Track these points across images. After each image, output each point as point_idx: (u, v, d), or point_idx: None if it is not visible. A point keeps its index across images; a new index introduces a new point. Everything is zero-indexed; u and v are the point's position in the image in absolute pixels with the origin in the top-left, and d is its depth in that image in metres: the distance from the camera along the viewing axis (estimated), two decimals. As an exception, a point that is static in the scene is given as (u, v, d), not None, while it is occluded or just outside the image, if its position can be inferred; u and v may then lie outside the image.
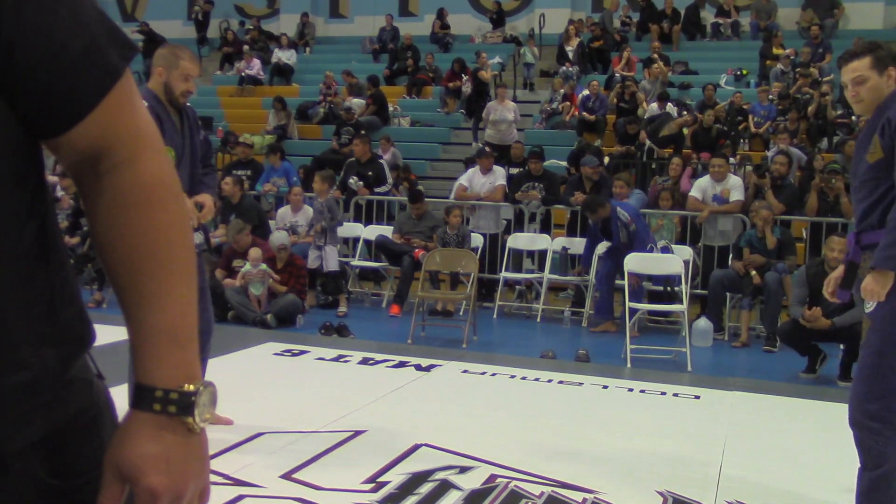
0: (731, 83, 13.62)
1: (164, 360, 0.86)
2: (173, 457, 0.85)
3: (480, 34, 17.25)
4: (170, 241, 0.87)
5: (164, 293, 0.86)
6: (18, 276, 0.81)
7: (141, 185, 0.85)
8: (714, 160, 8.50)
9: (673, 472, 3.78)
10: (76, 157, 0.86)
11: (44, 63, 0.78)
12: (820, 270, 6.11)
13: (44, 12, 0.76)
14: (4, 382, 0.77)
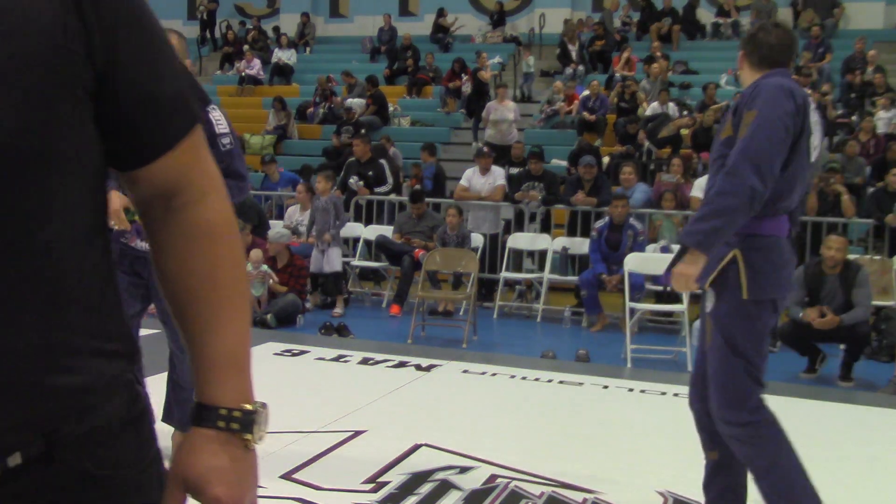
0: (731, 83, 13.61)
1: (226, 383, 0.95)
2: (235, 470, 0.93)
3: (480, 34, 17.25)
4: (231, 275, 0.97)
5: (225, 322, 0.96)
6: (83, 291, 0.88)
7: (208, 223, 0.95)
8: None
9: (673, 472, 3.78)
10: (151, 191, 0.94)
11: (139, 106, 0.89)
12: (818, 270, 6.11)
13: (144, 64, 0.88)
14: (57, 383, 0.84)
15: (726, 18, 15.71)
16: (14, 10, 0.78)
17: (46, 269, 0.83)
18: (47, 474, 0.86)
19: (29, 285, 0.82)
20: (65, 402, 0.86)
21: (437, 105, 14.39)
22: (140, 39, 0.88)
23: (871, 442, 4.47)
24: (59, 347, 0.85)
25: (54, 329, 0.85)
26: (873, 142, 10.31)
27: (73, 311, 0.86)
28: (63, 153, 0.83)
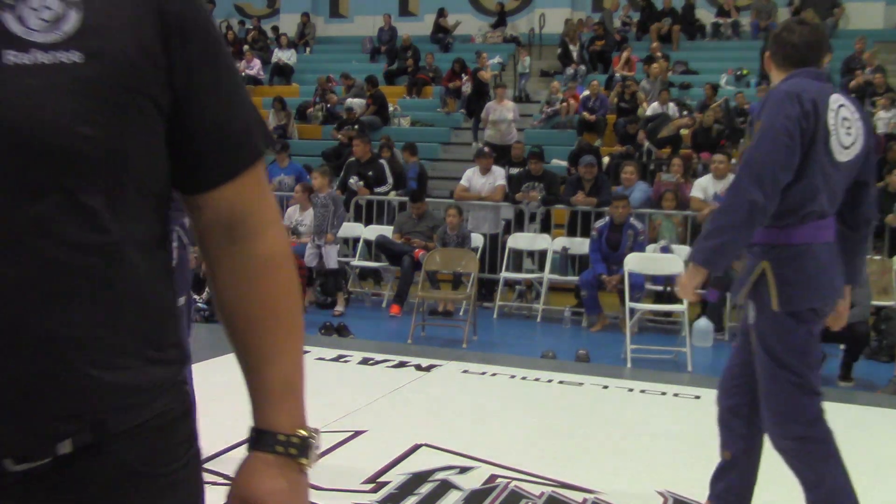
0: (731, 83, 13.62)
1: (283, 409, 1.01)
2: (292, 492, 1.00)
3: (480, 34, 17.25)
4: (288, 305, 1.02)
5: (282, 351, 1.02)
6: (140, 297, 0.93)
7: (268, 255, 1.00)
8: (715, 156, 8.52)
9: (673, 472, 3.78)
10: (212, 218, 0.99)
11: (208, 134, 0.96)
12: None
13: (218, 97, 0.95)
14: (107, 378, 0.89)
15: (726, 18, 15.71)
16: (106, 33, 0.86)
17: (108, 272, 0.89)
18: (94, 465, 0.91)
19: (89, 284, 0.87)
20: (113, 397, 0.90)
21: (437, 105, 14.40)
22: (216, 74, 0.96)
23: (871, 442, 4.47)
24: (112, 346, 0.90)
25: (110, 328, 0.89)
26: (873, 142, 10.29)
27: (129, 313, 0.91)
28: (131, 166, 0.89)
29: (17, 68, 0.81)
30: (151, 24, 0.89)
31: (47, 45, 0.83)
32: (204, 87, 0.94)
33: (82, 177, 0.84)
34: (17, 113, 0.81)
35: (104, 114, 0.85)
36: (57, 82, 0.82)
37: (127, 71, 0.86)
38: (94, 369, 0.88)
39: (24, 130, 0.81)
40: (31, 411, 0.85)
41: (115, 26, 0.86)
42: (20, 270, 0.83)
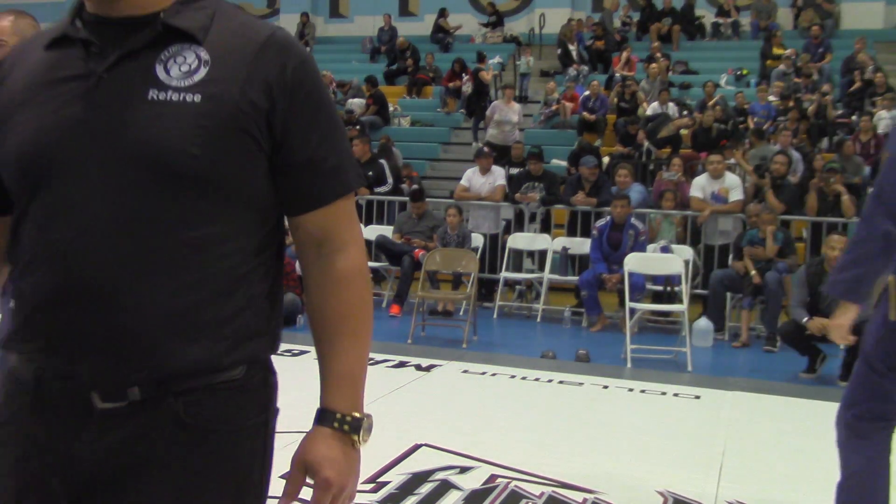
0: (731, 83, 13.62)
1: (342, 394, 1.24)
2: (344, 461, 1.22)
3: (480, 34, 17.25)
4: (357, 312, 1.25)
5: (347, 348, 1.24)
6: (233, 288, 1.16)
7: (347, 269, 1.23)
8: (711, 157, 8.52)
9: (673, 472, 3.78)
10: (305, 237, 1.23)
11: (304, 169, 1.19)
12: (820, 270, 6.10)
13: (313, 139, 1.19)
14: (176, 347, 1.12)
15: (726, 18, 15.71)
16: (222, 84, 1.12)
17: (196, 261, 1.13)
18: (157, 416, 1.13)
19: (178, 269, 1.11)
20: (178, 362, 1.12)
21: (437, 105, 14.40)
22: (314, 122, 1.19)
23: (871, 442, 4.47)
24: (188, 320, 1.12)
25: (189, 306, 1.12)
26: (873, 142, 10.31)
27: (211, 298, 1.14)
28: (227, 182, 1.13)
29: (154, 102, 1.11)
30: (259, 82, 1.13)
31: (180, 88, 1.11)
32: (301, 132, 1.18)
33: (187, 183, 1.10)
34: (149, 132, 1.09)
35: (209, 141, 1.10)
36: (180, 114, 1.10)
37: (231, 112, 1.12)
38: (167, 335, 1.11)
39: (152, 145, 1.09)
40: (113, 356, 1.10)
41: (230, 80, 1.12)
42: (127, 249, 1.10)
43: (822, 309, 6.02)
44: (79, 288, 1.10)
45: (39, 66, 1.16)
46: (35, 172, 1.13)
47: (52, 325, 1.12)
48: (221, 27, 1.16)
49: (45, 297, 1.12)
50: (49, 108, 1.13)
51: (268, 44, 1.16)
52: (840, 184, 8.18)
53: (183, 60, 1.13)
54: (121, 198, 1.10)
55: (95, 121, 1.11)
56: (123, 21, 1.14)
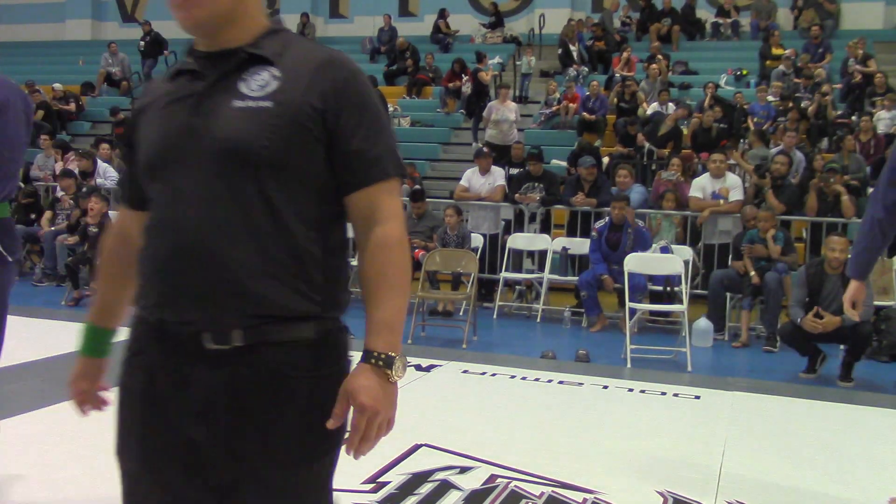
0: (731, 83, 13.62)
1: (381, 337, 1.50)
2: (376, 390, 1.47)
3: (480, 34, 17.24)
4: (394, 272, 1.52)
5: (386, 300, 1.51)
6: (300, 254, 1.48)
7: (386, 238, 1.52)
8: (714, 156, 8.52)
9: (673, 472, 3.78)
10: (355, 212, 1.54)
11: (351, 157, 1.51)
12: (819, 271, 6.11)
13: (359, 132, 1.50)
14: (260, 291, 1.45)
15: (726, 18, 15.71)
16: (288, 93, 1.47)
17: (269, 227, 1.46)
18: (254, 361, 1.46)
19: (257, 233, 1.46)
20: (267, 309, 1.46)
21: (437, 105, 14.39)
22: (360, 121, 1.51)
23: (871, 442, 4.47)
24: (266, 272, 1.45)
25: (266, 261, 1.45)
26: (873, 142, 10.31)
27: (282, 257, 1.47)
28: (290, 167, 1.47)
29: (237, 109, 1.47)
30: (317, 90, 1.48)
31: (256, 97, 1.48)
32: (350, 128, 1.50)
33: (258, 168, 1.45)
34: (231, 131, 1.46)
35: (276, 135, 1.45)
36: (255, 117, 1.46)
37: (294, 113, 1.47)
38: (258, 285, 1.45)
39: (233, 140, 1.45)
40: (214, 304, 1.45)
41: (295, 89, 1.48)
42: (217, 218, 1.45)
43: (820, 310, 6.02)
44: (185, 252, 1.47)
45: (164, 93, 1.58)
46: (155, 167, 1.54)
47: (168, 282, 1.48)
48: (293, 52, 1.54)
49: (161, 261, 1.50)
50: (166, 120, 1.54)
51: (325, 62, 1.52)
52: (840, 184, 8.19)
53: (259, 78, 1.51)
54: (213, 181, 1.47)
55: (195, 126, 1.49)
56: (220, 53, 1.54)
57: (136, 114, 1.64)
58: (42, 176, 11.17)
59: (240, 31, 1.55)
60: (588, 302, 7.75)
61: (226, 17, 1.53)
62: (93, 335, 1.76)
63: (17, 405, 4.41)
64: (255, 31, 1.56)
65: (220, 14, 1.52)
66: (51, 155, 11.52)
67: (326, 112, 1.49)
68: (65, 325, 6.95)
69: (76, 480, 3.41)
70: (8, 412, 4.26)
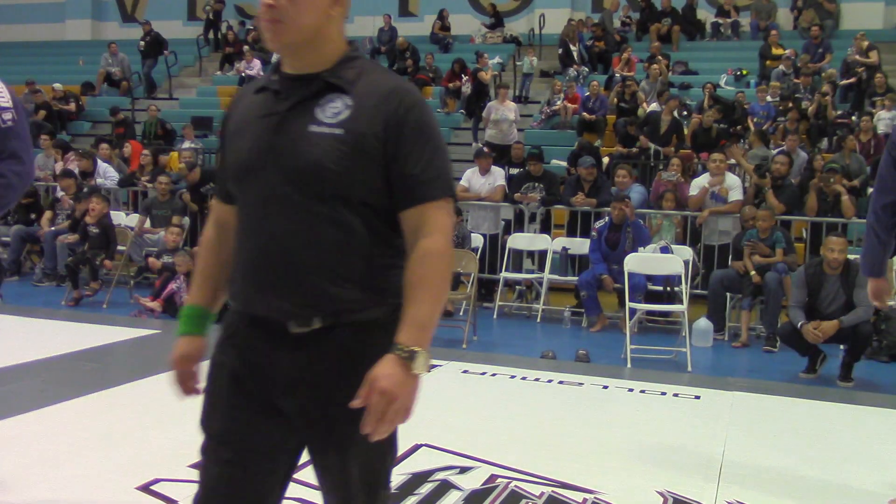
0: (731, 83, 13.62)
1: (410, 333, 1.65)
2: (397, 378, 1.62)
3: (480, 34, 17.24)
4: (432, 279, 1.69)
5: (421, 303, 1.67)
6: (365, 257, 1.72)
7: (429, 249, 1.69)
8: (714, 155, 8.52)
9: (673, 472, 3.78)
10: (406, 225, 1.72)
11: (405, 179, 1.70)
12: (818, 271, 6.10)
13: (413, 158, 1.70)
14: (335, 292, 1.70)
15: (726, 18, 15.70)
16: (356, 122, 1.68)
17: (341, 237, 1.69)
18: (330, 339, 1.71)
19: (330, 241, 1.69)
20: (337, 302, 1.70)
21: (437, 105, 14.38)
22: (416, 147, 1.71)
23: (871, 442, 4.47)
24: (339, 274, 1.70)
25: (340, 264, 1.70)
26: (873, 142, 10.31)
27: (352, 260, 1.70)
28: (354, 186, 1.69)
29: (312, 133, 1.69)
30: (380, 119, 1.68)
31: (329, 124, 1.68)
32: (407, 154, 1.70)
33: (327, 186, 1.68)
34: (306, 152, 1.68)
35: (342, 159, 1.67)
36: (326, 142, 1.67)
37: (360, 140, 1.67)
38: (329, 283, 1.69)
39: (307, 160, 1.67)
40: (296, 301, 1.70)
41: (363, 118, 1.68)
42: (294, 228, 1.69)
43: (821, 310, 6.02)
44: (270, 256, 1.72)
45: (251, 105, 1.81)
46: (242, 177, 1.77)
47: (256, 280, 1.74)
48: (365, 80, 1.73)
49: (250, 262, 1.76)
50: (254, 135, 1.76)
51: (390, 92, 1.71)
52: (840, 184, 8.19)
53: (333, 105, 1.71)
54: (291, 195, 1.70)
55: (277, 144, 1.72)
56: (302, 77, 1.74)
57: (226, 119, 1.89)
58: (42, 176, 11.16)
59: (321, 56, 1.74)
60: (588, 302, 7.75)
61: (309, 41, 1.72)
62: (194, 315, 1.92)
63: (17, 405, 4.41)
64: (334, 56, 1.75)
65: (303, 39, 1.71)
66: (51, 155, 11.52)
67: (388, 140, 1.70)
68: (65, 325, 6.95)
69: (76, 480, 3.41)
70: (8, 412, 4.27)
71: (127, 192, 10.84)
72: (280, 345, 1.72)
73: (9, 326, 6.74)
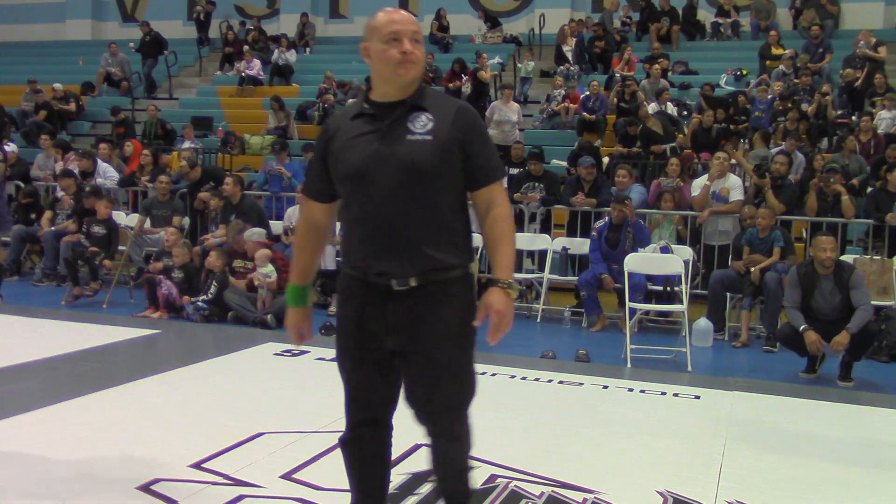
0: (731, 83, 13.61)
1: (503, 271, 2.41)
2: (504, 301, 2.40)
3: (480, 35, 17.23)
4: (507, 235, 2.47)
5: (504, 250, 2.44)
6: (451, 228, 2.44)
7: (500, 215, 2.46)
8: (717, 154, 8.52)
9: (673, 472, 3.78)
10: (480, 201, 2.47)
11: (476, 168, 2.45)
12: (810, 271, 6.09)
13: (481, 152, 2.46)
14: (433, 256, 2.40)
15: (726, 18, 15.70)
16: (440, 130, 2.39)
17: (437, 217, 2.40)
18: (424, 292, 2.40)
19: (429, 220, 2.40)
20: (433, 262, 2.39)
21: (437, 105, 14.35)
22: (481, 145, 2.46)
23: (871, 442, 4.47)
24: (436, 242, 2.39)
25: (436, 235, 2.40)
26: (873, 142, 10.31)
27: (443, 233, 2.41)
28: (446, 177, 2.41)
29: (410, 140, 2.38)
30: (457, 128, 2.40)
31: (421, 133, 2.38)
32: (476, 150, 2.43)
33: (426, 178, 2.36)
34: (407, 155, 2.36)
35: (436, 157, 2.36)
36: (421, 146, 2.37)
37: (445, 143, 2.38)
38: (431, 252, 2.38)
39: (411, 160, 2.36)
40: (401, 262, 2.38)
41: (444, 127, 2.39)
42: (402, 210, 2.37)
43: (816, 310, 6.01)
44: (383, 232, 2.40)
45: (353, 127, 2.48)
46: (357, 177, 2.41)
47: (371, 251, 2.42)
48: (436, 101, 2.48)
49: (365, 236, 2.43)
50: (362, 147, 2.42)
51: (460, 109, 2.47)
52: (840, 184, 8.18)
53: (420, 120, 2.42)
54: (398, 187, 2.37)
55: (383, 152, 2.39)
56: (392, 103, 2.45)
57: (328, 138, 2.52)
58: (42, 176, 11.17)
59: (412, 86, 2.46)
60: (588, 302, 7.75)
61: (418, 77, 2.47)
62: (298, 292, 2.65)
63: (17, 405, 4.41)
64: (416, 85, 2.47)
65: (419, 73, 2.47)
66: (51, 155, 11.53)
67: (464, 141, 2.42)
68: (65, 325, 6.96)
69: (77, 480, 3.41)
70: (8, 412, 4.27)
71: (127, 192, 10.84)
72: (387, 299, 2.42)
73: (9, 326, 6.75)
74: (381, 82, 2.47)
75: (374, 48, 2.48)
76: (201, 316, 7.52)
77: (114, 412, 4.39)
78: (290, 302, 2.64)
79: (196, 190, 9.59)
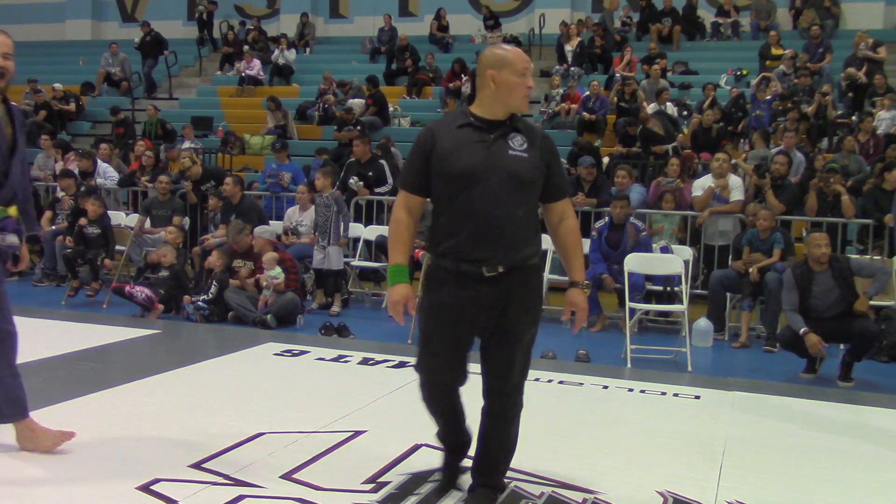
0: (730, 83, 13.61)
1: (579, 274, 3.18)
2: (583, 299, 3.20)
3: (480, 35, 17.23)
4: (577, 243, 3.20)
5: (577, 257, 3.20)
6: (531, 227, 3.07)
7: (571, 226, 3.18)
8: (717, 154, 8.52)
9: (673, 472, 3.78)
10: (554, 212, 3.16)
11: (553, 186, 3.13)
12: (806, 270, 6.09)
13: (557, 172, 3.13)
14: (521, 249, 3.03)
15: (726, 18, 15.70)
16: (531, 149, 3.03)
17: (523, 220, 3.01)
18: (510, 278, 3.01)
19: (520, 223, 3.00)
20: (521, 256, 3.02)
21: (437, 105, 14.38)
22: (557, 164, 3.15)
23: (871, 442, 4.47)
24: (525, 241, 3.03)
25: (525, 235, 3.03)
26: (873, 142, 10.31)
27: (528, 232, 3.04)
28: (533, 189, 3.05)
29: (511, 155, 3.00)
30: (542, 149, 3.06)
31: (520, 150, 3.01)
32: (554, 170, 3.10)
33: (524, 187, 3.00)
34: (511, 167, 2.98)
35: (531, 171, 3.01)
36: (521, 161, 3.00)
37: (537, 161, 3.03)
38: (520, 246, 3.01)
39: (514, 171, 2.98)
40: (496, 255, 2.98)
41: (535, 148, 3.04)
42: (504, 211, 2.96)
43: (816, 308, 6.01)
44: (487, 229, 2.92)
45: (460, 134, 2.99)
46: (467, 177, 2.92)
47: (468, 238, 2.94)
48: (527, 127, 3.06)
49: (471, 234, 2.94)
50: (472, 152, 2.95)
51: (543, 136, 3.06)
52: (840, 184, 8.18)
53: (518, 139, 3.00)
54: (501, 192, 2.92)
55: (490, 160, 2.94)
56: (495, 121, 3.01)
57: (433, 141, 3.00)
58: (42, 176, 11.17)
59: (510, 112, 3.03)
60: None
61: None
62: (400, 271, 3.08)
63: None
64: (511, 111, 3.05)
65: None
66: (51, 155, 11.53)
67: (547, 161, 3.04)
68: (65, 325, 6.95)
69: (76, 480, 3.41)
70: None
71: (127, 192, 10.84)
72: (479, 284, 2.95)
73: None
74: (494, 103, 3.00)
75: (505, 78, 2.95)
76: (201, 316, 7.51)
77: (113, 412, 4.39)
78: (397, 279, 3.06)
79: (197, 188, 9.59)
